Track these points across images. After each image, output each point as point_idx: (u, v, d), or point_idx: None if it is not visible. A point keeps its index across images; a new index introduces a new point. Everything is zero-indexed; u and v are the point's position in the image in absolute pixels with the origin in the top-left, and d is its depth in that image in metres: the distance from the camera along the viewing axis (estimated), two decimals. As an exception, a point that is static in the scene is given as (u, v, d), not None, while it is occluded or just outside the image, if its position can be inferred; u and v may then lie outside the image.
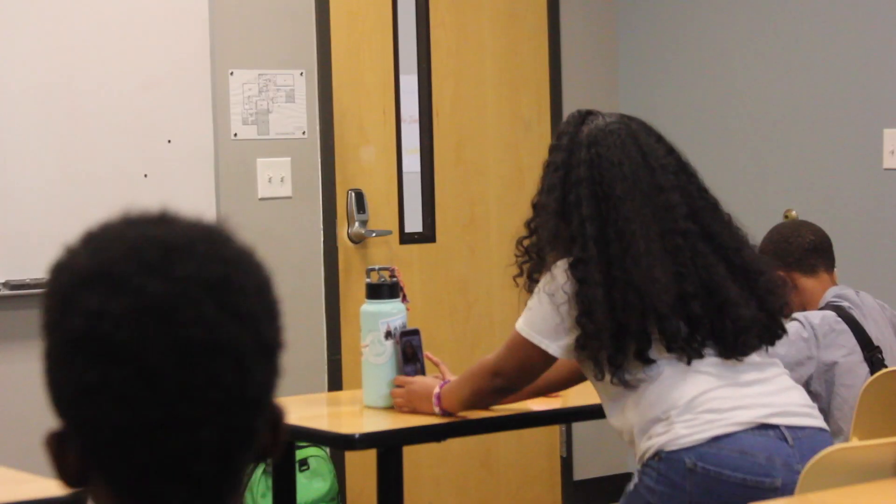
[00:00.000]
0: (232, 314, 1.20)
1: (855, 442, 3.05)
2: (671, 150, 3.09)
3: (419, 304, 5.33)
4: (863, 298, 3.88)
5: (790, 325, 3.79)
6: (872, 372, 3.72)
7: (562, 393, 3.75)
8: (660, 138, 3.10)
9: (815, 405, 3.09)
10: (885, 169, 5.15)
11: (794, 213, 5.24)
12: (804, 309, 3.90)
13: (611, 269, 2.94)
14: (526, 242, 3.16)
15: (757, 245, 3.17)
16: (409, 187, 5.59)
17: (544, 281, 3.04)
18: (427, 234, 5.64)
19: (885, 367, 3.75)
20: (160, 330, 1.17)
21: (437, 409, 3.41)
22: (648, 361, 2.94)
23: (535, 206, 3.16)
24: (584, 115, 3.10)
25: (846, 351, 3.77)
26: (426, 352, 3.69)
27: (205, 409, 1.18)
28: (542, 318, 3.04)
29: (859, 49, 5.21)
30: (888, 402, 3.60)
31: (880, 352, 3.81)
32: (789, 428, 2.96)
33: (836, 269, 4.01)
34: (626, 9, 6.05)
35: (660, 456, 2.93)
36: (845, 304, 3.84)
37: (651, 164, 3.02)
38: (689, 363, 2.95)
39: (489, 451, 5.70)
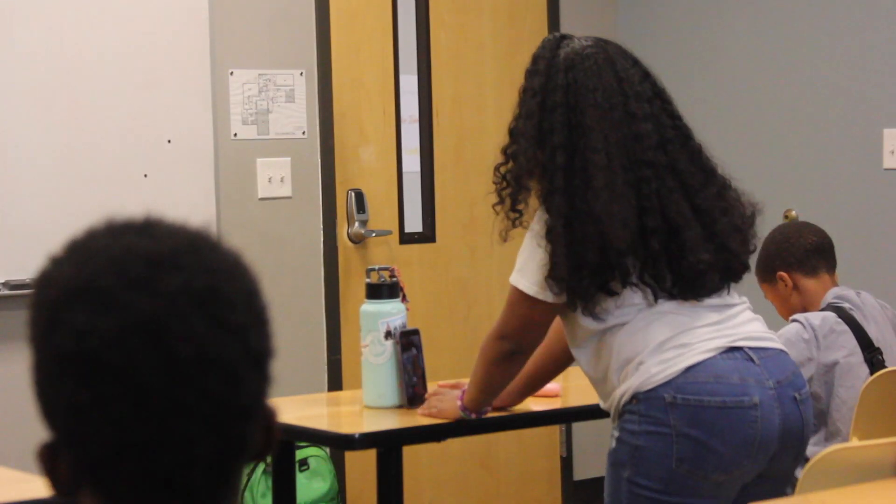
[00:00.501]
0: (221, 327, 1.19)
1: (855, 442, 3.05)
2: (647, 75, 3.07)
3: (419, 304, 5.33)
4: (864, 299, 3.88)
5: (790, 327, 3.79)
6: (872, 373, 3.72)
7: (562, 393, 3.75)
8: (636, 62, 3.07)
9: (773, 333, 3.12)
10: (885, 169, 5.15)
11: (794, 213, 5.25)
12: (805, 310, 3.90)
13: (574, 201, 2.95)
14: (503, 169, 3.15)
15: (727, 179, 3.11)
16: (409, 187, 5.59)
17: (533, 225, 3.05)
18: (427, 234, 5.64)
19: (886, 367, 3.76)
20: (150, 348, 1.16)
21: (462, 413, 3.37)
22: (612, 293, 2.96)
23: (511, 132, 3.11)
24: (560, 40, 3.06)
25: (846, 352, 3.77)
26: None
27: (198, 424, 1.18)
28: (535, 266, 3.02)
29: (859, 49, 5.21)
30: (888, 403, 3.60)
31: (880, 353, 3.81)
32: (752, 349, 3.00)
33: (836, 270, 4.01)
34: (626, 9, 6.05)
35: (637, 398, 2.95)
36: (846, 305, 3.84)
37: (626, 91, 3.00)
38: (655, 300, 2.96)
39: (489, 451, 5.70)
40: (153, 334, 1.16)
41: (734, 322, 3.03)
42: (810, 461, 2.81)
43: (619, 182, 2.93)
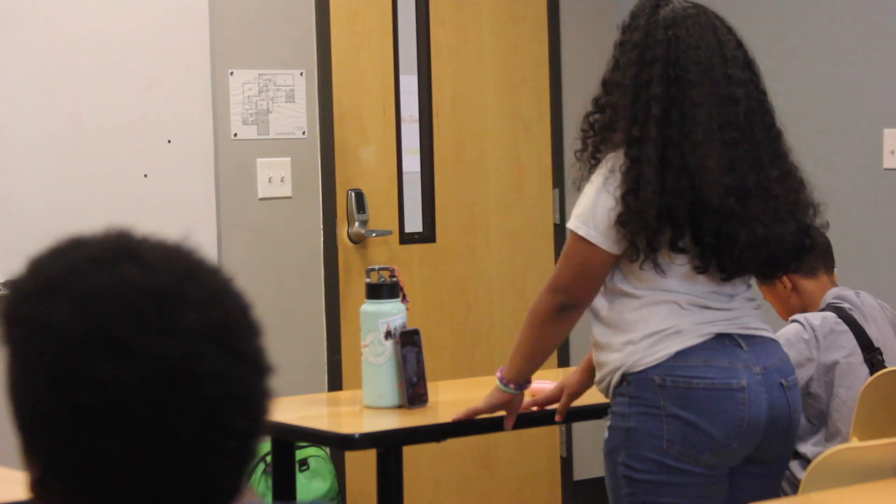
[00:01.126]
0: (237, 359, 1.17)
1: (856, 442, 3.05)
2: (740, 44, 3.13)
3: (419, 304, 5.33)
4: (863, 299, 3.87)
5: (790, 327, 3.79)
6: (872, 373, 3.72)
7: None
8: (731, 30, 3.14)
9: (768, 326, 3.16)
10: (885, 169, 5.15)
11: (794, 213, 5.24)
12: (805, 311, 3.90)
13: (666, 152, 2.96)
14: (592, 119, 3.11)
15: (797, 165, 3.15)
16: (409, 187, 5.59)
17: (599, 170, 3.02)
18: (427, 234, 5.64)
19: (886, 367, 3.76)
20: (177, 393, 1.12)
21: (503, 386, 3.24)
22: (678, 251, 2.98)
23: (605, 82, 3.11)
24: (657, 1, 3.11)
25: (846, 352, 3.77)
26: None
27: (223, 460, 1.16)
28: (600, 212, 3.00)
29: (859, 49, 5.21)
30: (888, 403, 3.60)
31: (880, 353, 3.81)
32: (741, 336, 3.06)
33: (835, 270, 4.01)
34: (626, 9, 6.05)
35: (627, 380, 3.02)
36: (846, 305, 3.84)
37: (725, 54, 3.05)
38: (692, 269, 3.00)
39: (489, 451, 5.70)
40: (179, 380, 1.12)
41: (735, 313, 3.08)
42: (813, 462, 2.81)
43: (717, 139, 2.97)
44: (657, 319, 3.01)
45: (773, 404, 3.02)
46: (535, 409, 3.48)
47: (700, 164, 2.94)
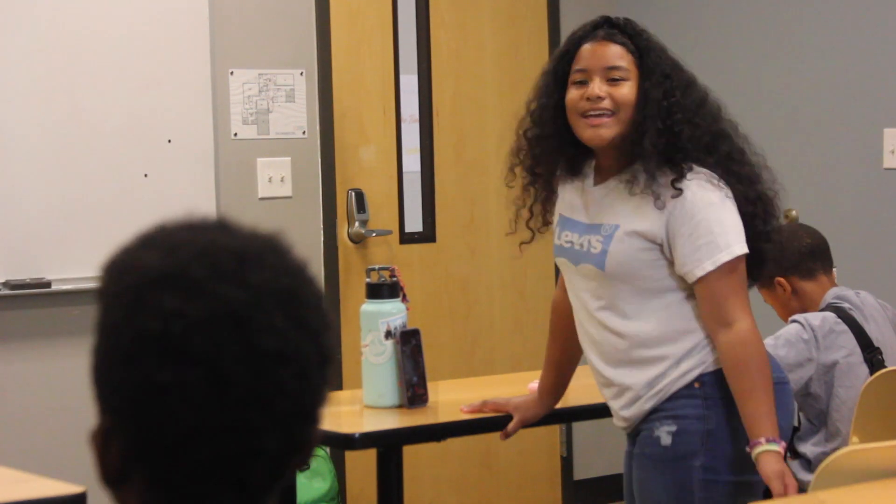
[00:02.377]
0: (299, 325, 1.22)
1: (864, 444, 3.04)
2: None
3: (419, 304, 5.33)
4: (863, 299, 3.87)
5: (790, 327, 3.79)
6: (872, 373, 3.72)
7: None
8: None
9: None
10: (885, 169, 5.14)
11: (794, 212, 5.24)
12: (805, 311, 3.89)
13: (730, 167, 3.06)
14: (669, 122, 3.02)
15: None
16: (409, 187, 5.59)
17: (701, 197, 2.96)
18: (427, 234, 5.64)
19: (886, 367, 3.75)
20: (235, 337, 1.18)
21: (775, 446, 2.92)
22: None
23: (682, 104, 3.04)
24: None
25: (846, 352, 3.77)
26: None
27: (271, 416, 1.20)
28: (731, 226, 2.99)
29: (859, 49, 5.21)
30: (888, 403, 3.60)
31: (880, 353, 3.81)
32: None
33: (834, 270, 4.01)
34: (626, 9, 6.05)
35: (700, 381, 2.99)
36: (846, 305, 3.84)
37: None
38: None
39: (489, 451, 5.70)
40: (239, 324, 1.18)
41: None
42: (821, 465, 2.80)
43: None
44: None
45: None
46: (485, 412, 3.47)
47: (756, 171, 3.10)
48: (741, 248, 2.95)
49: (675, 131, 2.97)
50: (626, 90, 3.01)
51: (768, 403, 2.90)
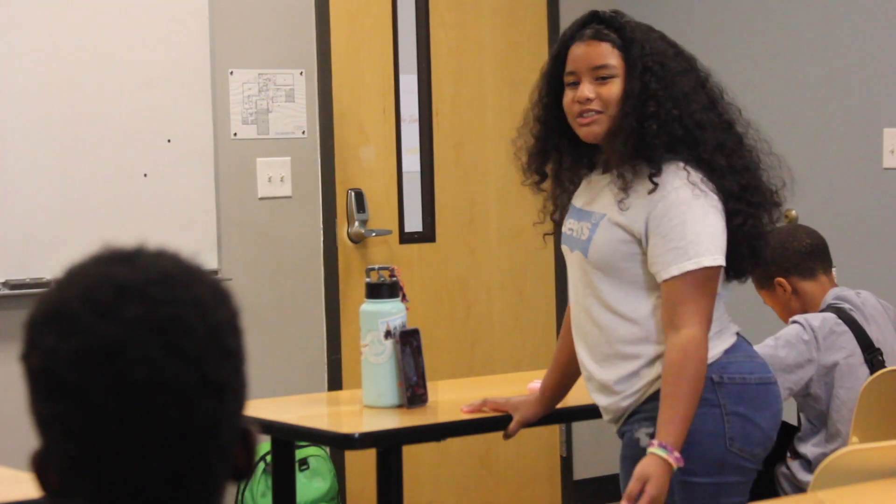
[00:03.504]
0: (177, 354, 1.26)
1: (864, 444, 3.04)
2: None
3: (419, 304, 5.33)
4: (864, 299, 3.87)
5: (791, 328, 3.79)
6: (873, 374, 3.72)
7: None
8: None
9: None
10: (885, 168, 5.14)
11: (794, 212, 5.25)
12: (805, 312, 3.89)
13: (731, 159, 3.04)
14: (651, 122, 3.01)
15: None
16: (409, 187, 5.59)
17: (682, 199, 2.94)
18: (427, 234, 5.63)
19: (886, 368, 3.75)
20: (105, 370, 1.24)
21: (666, 452, 2.89)
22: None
23: (659, 96, 3.01)
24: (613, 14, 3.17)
25: (846, 353, 3.77)
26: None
27: (149, 442, 1.25)
28: (710, 234, 2.94)
29: (859, 49, 5.21)
30: (888, 403, 3.60)
31: (881, 353, 3.80)
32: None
33: (834, 269, 4.01)
34: (626, 9, 6.04)
35: None
36: (846, 305, 3.84)
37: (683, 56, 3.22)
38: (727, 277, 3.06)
39: (489, 451, 5.70)
40: (109, 357, 1.24)
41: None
42: (821, 464, 2.80)
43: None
44: (714, 324, 3.03)
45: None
46: (485, 411, 3.45)
47: (756, 164, 3.07)
48: (712, 259, 2.92)
49: (644, 127, 2.98)
50: (614, 88, 3.03)
51: (683, 414, 2.88)
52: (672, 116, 2.97)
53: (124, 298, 1.26)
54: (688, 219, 2.93)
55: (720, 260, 2.94)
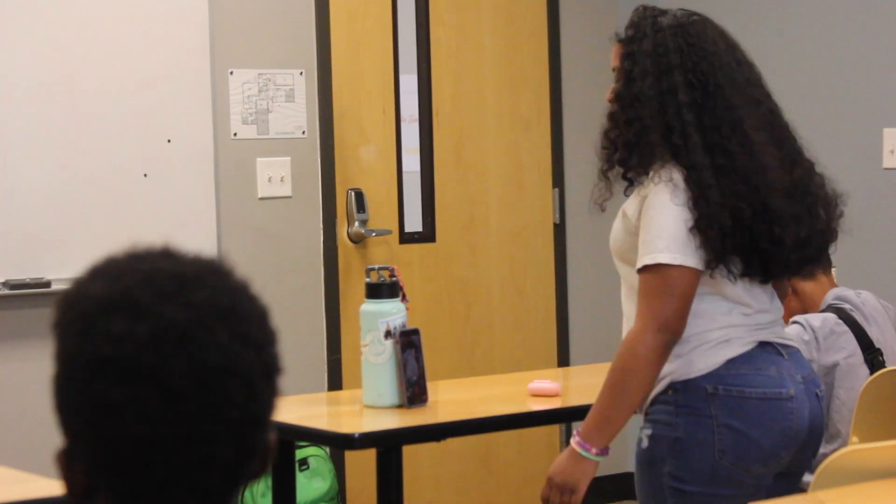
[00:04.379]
0: (241, 340, 1.30)
1: (865, 444, 3.03)
2: (737, 46, 3.08)
3: (419, 304, 5.33)
4: (864, 299, 3.87)
5: (790, 328, 3.79)
6: (873, 374, 3.72)
7: (562, 393, 3.75)
8: (725, 33, 3.09)
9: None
10: (885, 168, 5.15)
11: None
12: (805, 313, 3.89)
13: (715, 158, 2.89)
14: (614, 134, 2.98)
15: (814, 161, 3.11)
16: (409, 187, 5.59)
17: (654, 196, 2.89)
18: (427, 234, 5.64)
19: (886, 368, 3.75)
20: (180, 353, 1.27)
21: (583, 451, 2.93)
22: (739, 255, 2.92)
23: (621, 95, 2.99)
24: (654, 9, 3.04)
25: (847, 353, 3.77)
26: None
27: (220, 425, 1.28)
28: (669, 233, 2.87)
29: (859, 49, 5.21)
30: (888, 403, 3.60)
31: (881, 353, 3.81)
32: (780, 345, 3.03)
33: (834, 270, 4.01)
34: (626, 9, 6.05)
35: (673, 388, 2.94)
36: (846, 306, 3.84)
37: (737, 57, 3.01)
38: (735, 278, 2.93)
39: (489, 450, 5.70)
40: (183, 341, 1.27)
41: (771, 317, 3.04)
42: (822, 464, 2.80)
43: (765, 136, 2.95)
44: (707, 327, 2.95)
45: (812, 413, 3.00)
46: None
47: (756, 165, 2.90)
48: (666, 257, 2.86)
49: (611, 138, 2.99)
50: (614, 90, 3.04)
51: (600, 405, 2.90)
52: (638, 118, 2.95)
53: (187, 286, 1.29)
54: (653, 214, 2.89)
55: (675, 258, 2.85)
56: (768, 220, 2.90)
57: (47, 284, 4.70)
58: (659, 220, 2.88)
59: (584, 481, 2.95)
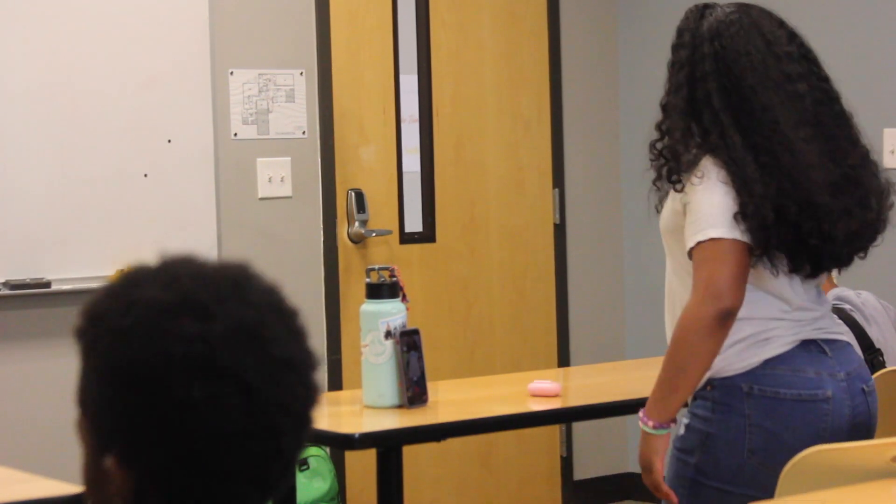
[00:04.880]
0: (294, 334, 1.36)
1: (831, 444, 3.01)
2: (794, 36, 3.07)
3: (419, 304, 5.33)
4: (865, 300, 3.87)
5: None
6: (873, 374, 3.71)
7: (562, 393, 3.74)
8: (782, 23, 3.08)
9: (841, 326, 3.15)
10: (886, 168, 5.13)
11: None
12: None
13: (758, 156, 2.89)
14: (659, 145, 3.01)
15: (870, 147, 3.09)
16: (409, 187, 5.59)
17: (698, 182, 2.89)
18: (427, 234, 5.64)
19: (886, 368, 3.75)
20: (252, 349, 1.31)
21: (649, 425, 2.92)
22: (783, 250, 2.90)
23: (664, 106, 3.02)
24: (703, 9, 3.03)
25: (847, 352, 3.77)
26: None
27: (287, 418, 1.33)
28: (716, 210, 2.86)
29: (859, 49, 5.21)
30: (888, 403, 3.60)
31: (881, 354, 3.81)
32: (824, 341, 3.01)
33: (834, 270, 4.00)
34: (626, 9, 6.05)
35: (712, 384, 2.94)
36: (846, 306, 3.84)
37: (776, 52, 3.00)
38: (777, 272, 2.92)
39: (489, 451, 5.70)
40: (254, 338, 1.31)
41: (819, 312, 3.04)
42: (790, 463, 2.79)
43: (799, 138, 2.93)
44: (749, 324, 2.95)
45: (856, 411, 2.99)
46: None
47: (798, 163, 2.89)
48: (717, 231, 2.85)
49: (657, 147, 3.01)
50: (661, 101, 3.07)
51: (664, 380, 2.89)
52: (678, 127, 2.95)
53: (241, 286, 1.34)
54: (700, 199, 2.89)
55: (730, 234, 2.85)
56: (816, 216, 2.89)
57: (47, 284, 4.70)
58: (706, 202, 2.88)
59: (656, 457, 2.92)
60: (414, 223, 5.61)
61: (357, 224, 5.39)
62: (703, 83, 2.95)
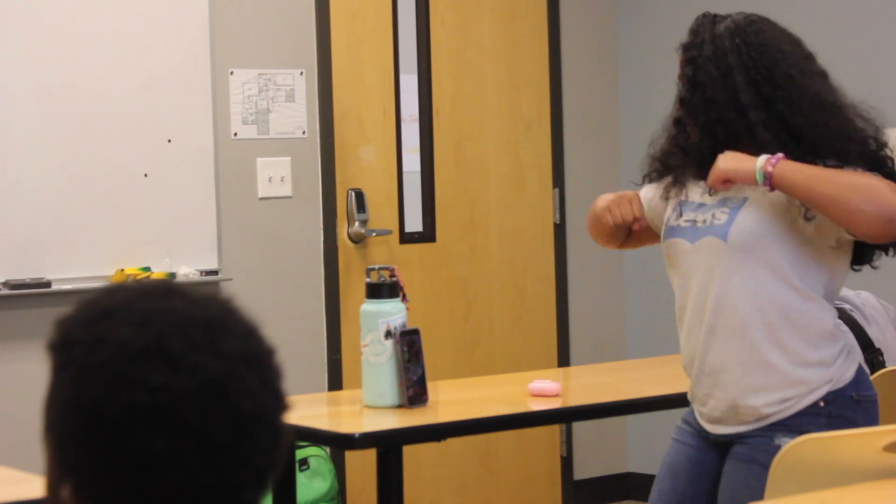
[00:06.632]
0: (266, 386, 1.32)
1: (820, 433, 2.98)
2: (800, 43, 3.15)
3: (419, 304, 5.33)
4: (864, 299, 3.87)
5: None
6: (872, 374, 3.71)
7: (562, 393, 3.74)
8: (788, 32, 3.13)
9: None
10: (886, 169, 5.14)
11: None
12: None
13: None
14: (682, 139, 2.97)
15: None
16: (409, 187, 5.59)
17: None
18: (427, 234, 5.64)
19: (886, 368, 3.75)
20: (218, 404, 1.28)
21: (770, 164, 2.88)
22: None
23: (689, 101, 2.96)
24: (714, 16, 3.04)
25: (846, 352, 3.77)
26: None
27: (250, 473, 1.30)
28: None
29: (859, 49, 5.20)
30: (888, 403, 3.60)
31: (881, 353, 3.80)
32: None
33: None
34: (626, 9, 6.05)
35: (824, 400, 2.90)
36: (846, 306, 3.84)
37: (804, 53, 3.10)
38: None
39: (489, 451, 5.70)
40: (221, 393, 1.28)
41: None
42: (779, 453, 2.78)
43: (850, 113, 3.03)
44: (842, 334, 2.97)
45: None
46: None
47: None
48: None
49: (680, 143, 3.01)
50: (678, 100, 3.05)
51: (824, 181, 2.88)
52: (718, 121, 2.95)
53: (215, 333, 1.29)
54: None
55: None
56: None
57: (47, 284, 4.70)
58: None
59: (737, 175, 2.89)
60: (414, 223, 5.61)
61: (357, 224, 5.39)
62: (729, 76, 2.94)
